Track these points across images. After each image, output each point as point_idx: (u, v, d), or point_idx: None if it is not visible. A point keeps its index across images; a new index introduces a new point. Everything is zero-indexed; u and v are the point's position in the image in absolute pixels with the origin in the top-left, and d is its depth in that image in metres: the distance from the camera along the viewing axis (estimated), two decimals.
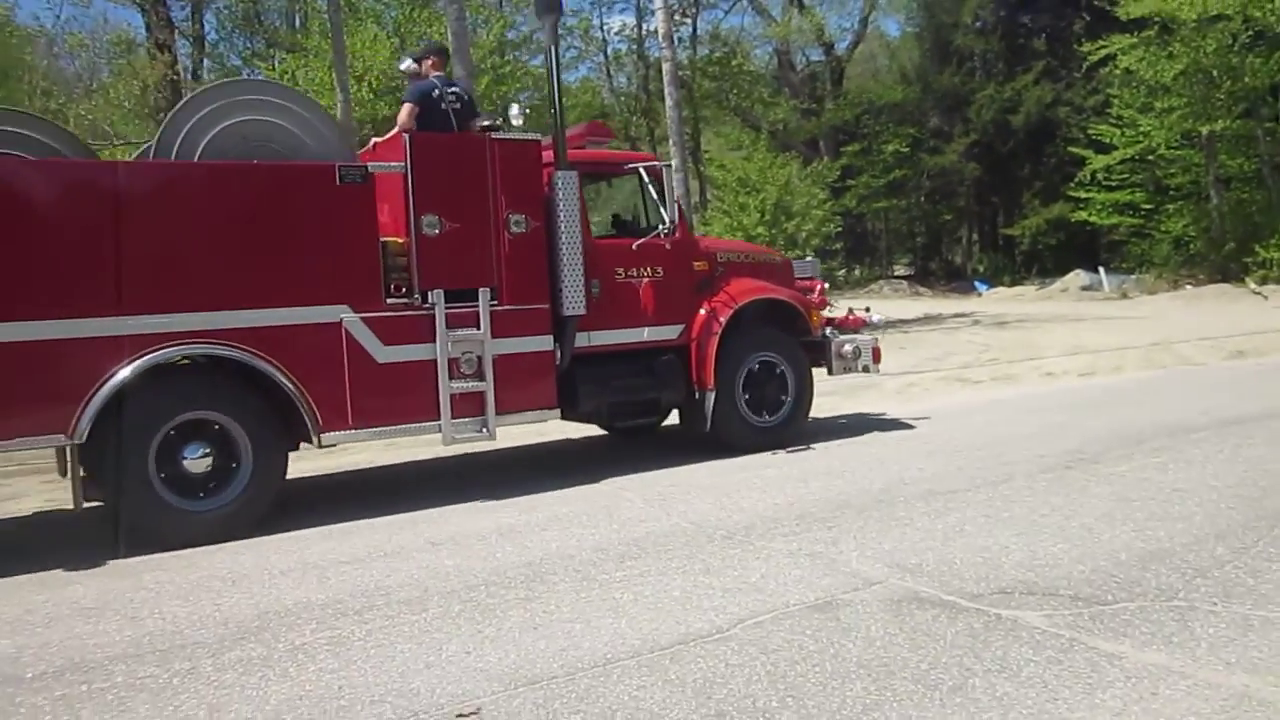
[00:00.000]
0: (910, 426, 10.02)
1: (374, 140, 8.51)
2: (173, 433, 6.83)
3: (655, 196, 8.97)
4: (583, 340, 8.30)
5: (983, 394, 12.75)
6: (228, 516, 6.91)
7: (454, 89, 8.33)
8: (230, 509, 6.94)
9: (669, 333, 8.83)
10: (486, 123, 8.35)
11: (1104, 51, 32.90)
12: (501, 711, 3.79)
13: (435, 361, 7.48)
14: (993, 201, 45.96)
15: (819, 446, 9.09)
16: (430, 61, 8.45)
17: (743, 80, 42.61)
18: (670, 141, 22.88)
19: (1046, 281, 38.02)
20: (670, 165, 9.16)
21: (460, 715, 3.76)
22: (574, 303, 8.11)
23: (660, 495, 7.45)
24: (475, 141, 7.94)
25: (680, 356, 8.88)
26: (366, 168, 7.47)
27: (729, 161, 36.68)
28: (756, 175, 31.33)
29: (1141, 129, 33.80)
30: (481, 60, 24.87)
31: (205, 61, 34.68)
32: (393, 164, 7.56)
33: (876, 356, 9.96)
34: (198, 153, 7.12)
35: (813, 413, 9.80)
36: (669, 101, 23.20)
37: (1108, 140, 34.72)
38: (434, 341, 7.48)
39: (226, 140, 7.17)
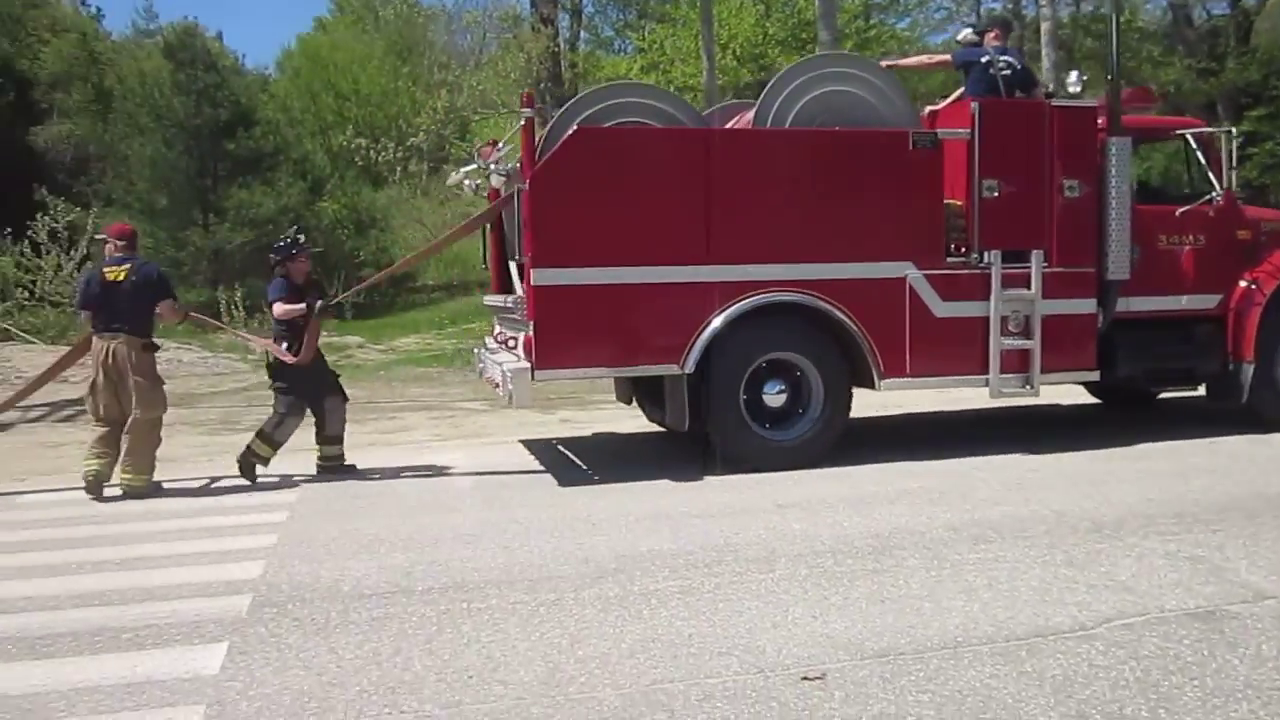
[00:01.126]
0: None
1: (928, 107, 8.82)
2: (758, 369, 7.65)
3: (1202, 162, 8.74)
4: (1122, 305, 8.32)
5: None
6: (801, 446, 7.69)
7: (1007, 57, 8.41)
8: (803, 440, 7.72)
9: (1206, 302, 8.68)
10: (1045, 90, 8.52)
11: None
12: (848, 680, 3.77)
13: (987, 319, 7.86)
14: None
15: (1200, 441, 8.28)
16: (993, 34, 8.63)
17: (1130, 38, 39.06)
18: None
19: None
20: (1229, 131, 8.81)
21: (806, 678, 3.79)
22: (1119, 268, 8.16)
23: (1018, 480, 7.10)
24: (1037, 108, 8.14)
25: (1217, 326, 8.68)
26: (937, 134, 7.90)
27: None
28: None
29: None
30: (846, 25, 24.51)
31: (582, 33, 36.61)
32: (959, 130, 7.91)
33: None
34: (789, 120, 7.72)
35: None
36: (1046, 64, 21.72)
37: None
38: (988, 299, 7.86)
39: (814, 109, 7.72)
